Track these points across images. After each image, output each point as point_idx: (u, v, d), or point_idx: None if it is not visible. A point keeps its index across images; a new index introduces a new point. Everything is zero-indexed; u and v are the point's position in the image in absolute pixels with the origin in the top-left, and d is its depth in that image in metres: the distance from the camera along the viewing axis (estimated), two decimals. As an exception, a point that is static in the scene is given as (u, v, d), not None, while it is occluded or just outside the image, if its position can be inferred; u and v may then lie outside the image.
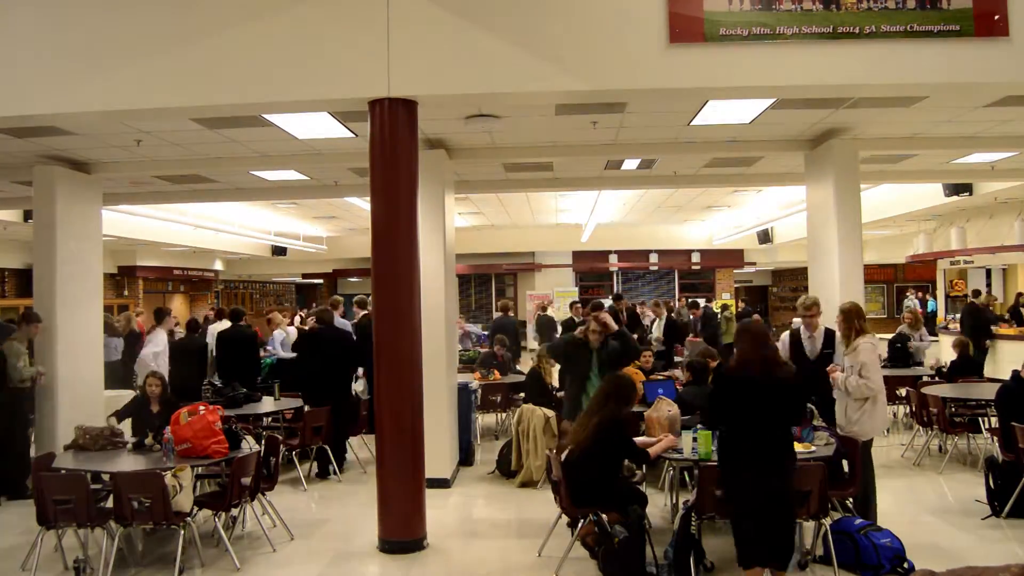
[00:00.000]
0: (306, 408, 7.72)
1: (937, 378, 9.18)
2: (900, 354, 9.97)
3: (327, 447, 7.64)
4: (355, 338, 8.88)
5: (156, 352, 9.18)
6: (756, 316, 12.03)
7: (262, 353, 10.28)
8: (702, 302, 16.22)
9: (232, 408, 7.36)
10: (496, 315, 12.92)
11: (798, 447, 4.97)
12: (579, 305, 12.33)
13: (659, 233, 20.83)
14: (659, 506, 6.18)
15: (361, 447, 8.53)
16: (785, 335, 6.42)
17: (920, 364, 10.11)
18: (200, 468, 5.53)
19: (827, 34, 5.10)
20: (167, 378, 7.37)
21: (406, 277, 5.54)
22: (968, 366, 9.10)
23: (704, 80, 5.26)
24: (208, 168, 8.73)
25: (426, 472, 5.67)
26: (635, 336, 7.88)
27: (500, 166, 9.19)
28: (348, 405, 8.09)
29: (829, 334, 6.13)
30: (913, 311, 10.35)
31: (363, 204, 13.09)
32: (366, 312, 9.57)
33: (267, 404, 7.95)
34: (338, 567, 5.37)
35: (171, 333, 9.91)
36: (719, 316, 14.02)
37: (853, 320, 5.45)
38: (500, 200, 14.51)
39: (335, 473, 7.70)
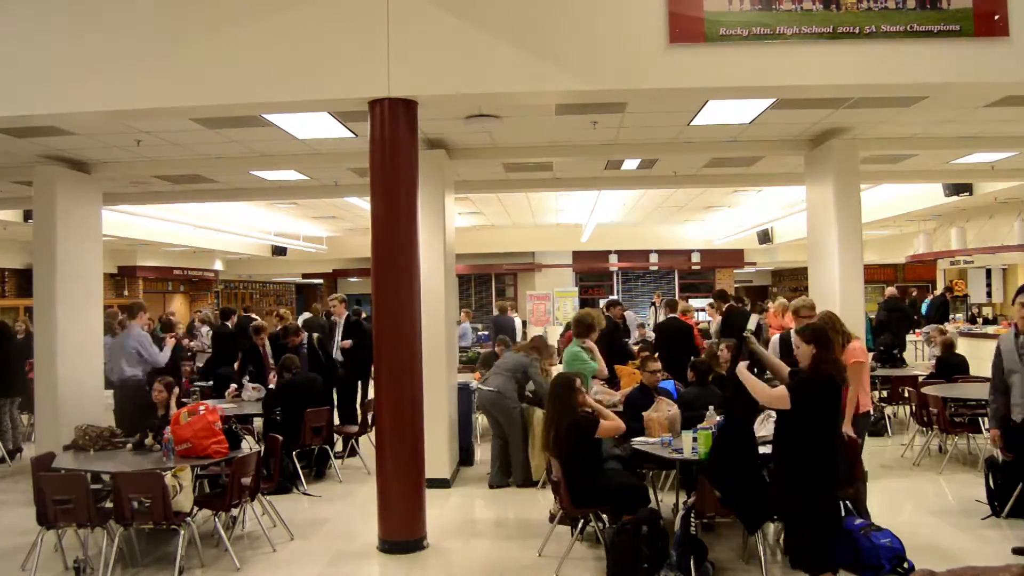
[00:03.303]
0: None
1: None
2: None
3: (327, 447, 7.66)
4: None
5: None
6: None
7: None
8: (697, 303, 15.64)
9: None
10: (495, 315, 12.97)
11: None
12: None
13: (659, 233, 20.80)
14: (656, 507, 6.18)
15: (361, 447, 8.52)
16: (775, 338, 6.41)
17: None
18: (200, 468, 5.53)
19: (827, 34, 5.09)
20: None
21: (406, 277, 5.54)
22: (951, 363, 9.16)
23: (704, 80, 5.25)
24: (208, 168, 8.73)
25: (426, 472, 5.68)
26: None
27: (500, 166, 9.19)
28: None
29: None
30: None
31: (363, 204, 13.09)
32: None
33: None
34: (338, 567, 5.37)
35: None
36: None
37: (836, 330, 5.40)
38: (500, 200, 14.51)
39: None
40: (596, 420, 5.20)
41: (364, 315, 10.25)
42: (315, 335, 9.11)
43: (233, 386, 8.23)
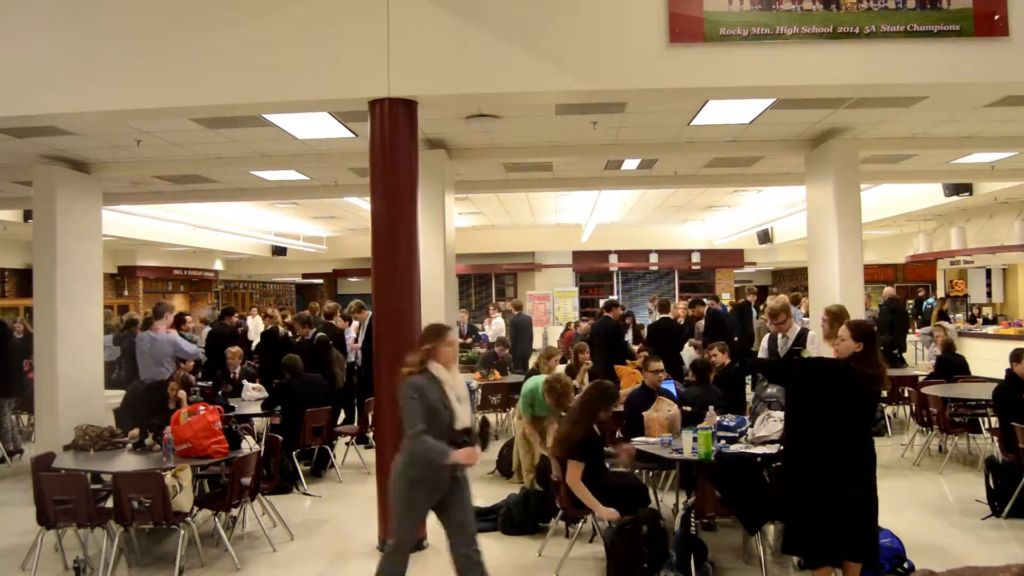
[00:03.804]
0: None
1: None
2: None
3: (328, 447, 7.66)
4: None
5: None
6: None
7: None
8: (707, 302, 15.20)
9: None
10: (514, 314, 12.94)
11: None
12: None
13: (659, 233, 20.82)
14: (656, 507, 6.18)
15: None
16: (765, 339, 6.40)
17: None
18: (200, 468, 5.53)
19: (827, 34, 5.09)
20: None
21: (406, 277, 5.54)
22: (952, 363, 9.16)
23: (704, 80, 5.26)
24: (208, 168, 8.73)
25: (426, 472, 5.67)
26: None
27: (500, 166, 9.19)
28: None
29: (801, 334, 6.12)
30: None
31: (363, 204, 13.10)
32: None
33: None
34: (338, 567, 5.37)
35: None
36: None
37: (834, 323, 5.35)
38: (500, 200, 14.51)
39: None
40: (603, 440, 5.18)
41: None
42: (319, 334, 9.12)
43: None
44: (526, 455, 6.92)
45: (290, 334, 9.56)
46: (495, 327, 14.15)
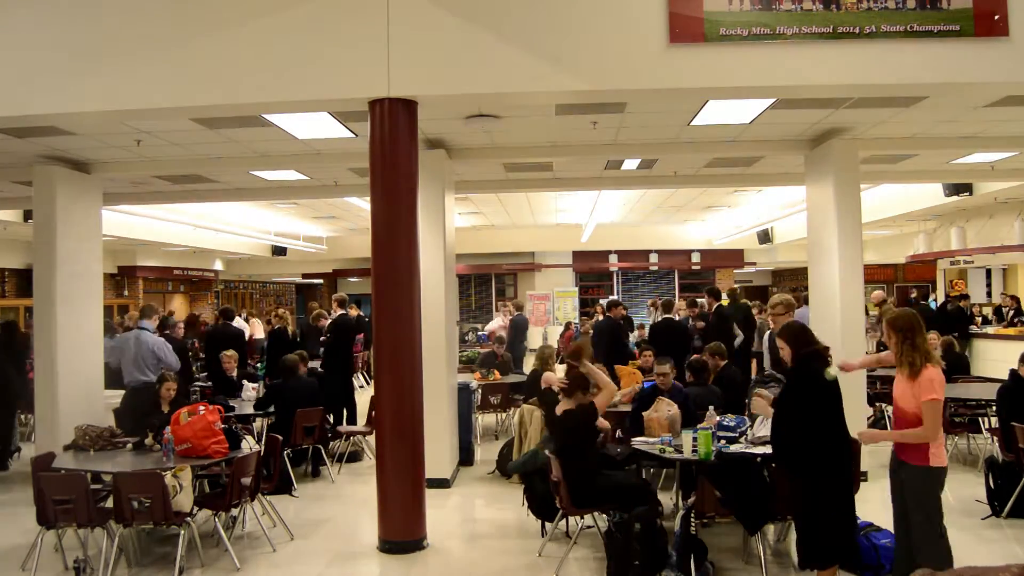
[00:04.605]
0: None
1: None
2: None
3: (320, 447, 7.67)
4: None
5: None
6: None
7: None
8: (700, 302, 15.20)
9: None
10: (514, 314, 12.94)
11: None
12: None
13: (659, 233, 20.82)
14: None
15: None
16: (766, 336, 6.41)
17: None
18: (200, 468, 5.53)
19: (827, 34, 5.10)
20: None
21: (406, 277, 5.55)
22: (951, 363, 9.13)
23: (704, 80, 5.26)
24: (208, 168, 8.73)
25: (426, 472, 5.68)
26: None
27: (500, 166, 9.19)
28: None
29: None
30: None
31: (363, 204, 13.09)
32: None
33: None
34: (338, 567, 5.38)
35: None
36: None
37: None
38: (500, 200, 14.50)
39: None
40: (594, 409, 5.22)
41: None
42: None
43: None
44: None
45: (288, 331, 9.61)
46: (492, 325, 14.13)
